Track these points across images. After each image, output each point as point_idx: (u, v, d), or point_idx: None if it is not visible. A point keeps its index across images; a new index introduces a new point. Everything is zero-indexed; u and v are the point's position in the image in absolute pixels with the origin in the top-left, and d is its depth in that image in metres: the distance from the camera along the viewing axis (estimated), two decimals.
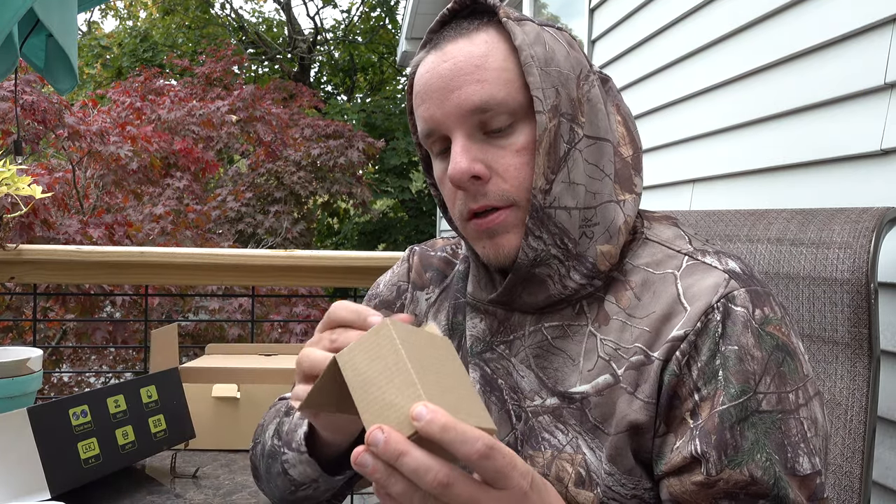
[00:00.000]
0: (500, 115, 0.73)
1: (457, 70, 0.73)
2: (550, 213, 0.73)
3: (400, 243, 10.57)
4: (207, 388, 1.22)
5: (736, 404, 0.67)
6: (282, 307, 5.04)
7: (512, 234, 0.75)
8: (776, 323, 0.70)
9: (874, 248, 0.96)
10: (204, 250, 1.98)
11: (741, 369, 0.68)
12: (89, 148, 4.77)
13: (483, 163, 0.74)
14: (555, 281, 0.76)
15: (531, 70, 0.72)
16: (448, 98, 0.74)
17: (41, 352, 1.19)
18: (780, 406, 0.68)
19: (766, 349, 0.69)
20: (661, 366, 0.70)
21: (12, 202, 2.01)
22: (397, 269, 0.97)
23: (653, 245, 0.78)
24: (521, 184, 0.73)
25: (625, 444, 0.71)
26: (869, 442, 0.95)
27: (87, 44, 12.94)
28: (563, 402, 0.74)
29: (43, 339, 4.34)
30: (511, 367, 0.79)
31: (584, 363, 0.74)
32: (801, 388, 0.69)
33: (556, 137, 0.73)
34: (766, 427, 0.67)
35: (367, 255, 2.00)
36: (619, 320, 0.74)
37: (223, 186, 7.30)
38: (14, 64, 1.77)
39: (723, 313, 0.69)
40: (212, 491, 1.03)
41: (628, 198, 0.78)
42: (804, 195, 1.49)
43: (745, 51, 1.73)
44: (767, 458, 0.67)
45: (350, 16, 13.99)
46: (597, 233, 0.75)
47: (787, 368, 0.69)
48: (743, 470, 0.66)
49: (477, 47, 0.74)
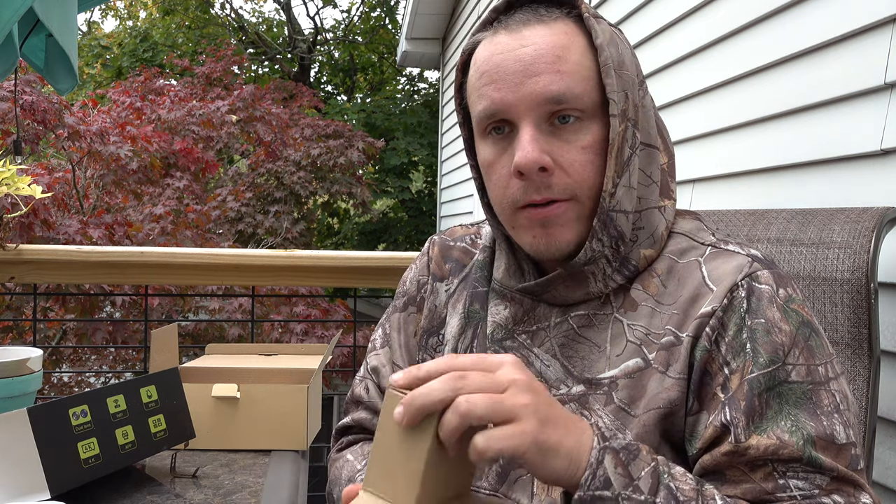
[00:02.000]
0: (573, 109, 0.72)
1: (538, 56, 0.72)
2: (613, 216, 0.74)
3: (400, 243, 10.57)
4: (207, 388, 1.22)
5: (765, 373, 0.68)
6: (282, 307, 5.03)
7: (566, 228, 0.75)
8: (799, 302, 0.72)
9: (874, 248, 0.96)
10: (204, 250, 1.98)
11: (769, 341, 0.69)
12: (89, 148, 4.77)
13: (549, 154, 0.73)
14: (597, 279, 0.77)
15: (609, 71, 0.72)
16: (524, 83, 0.72)
17: (41, 352, 1.19)
18: (809, 378, 0.68)
19: (792, 323, 0.70)
20: (691, 343, 0.71)
21: (12, 202, 2.01)
22: (419, 262, 0.97)
23: (677, 236, 0.79)
24: (584, 181, 0.73)
25: (653, 422, 0.71)
26: (869, 442, 0.95)
27: (87, 44, 12.94)
28: (589, 389, 0.75)
29: (43, 339, 4.34)
30: (533, 356, 0.79)
31: (612, 349, 0.75)
32: (829, 363, 0.70)
33: (623, 142, 0.74)
34: (797, 397, 0.68)
35: (367, 255, 2.00)
36: (649, 307, 0.75)
37: (223, 186, 7.29)
38: (14, 64, 1.76)
39: (747, 290, 0.71)
40: (212, 491, 1.03)
41: (668, 204, 0.79)
42: (804, 195, 1.49)
43: (744, 51, 1.73)
44: (794, 423, 0.67)
45: (350, 16, 14.00)
46: (641, 237, 0.77)
47: (814, 343, 0.70)
48: (770, 434, 0.66)
49: (558, 37, 0.73)
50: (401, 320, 0.95)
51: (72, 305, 4.11)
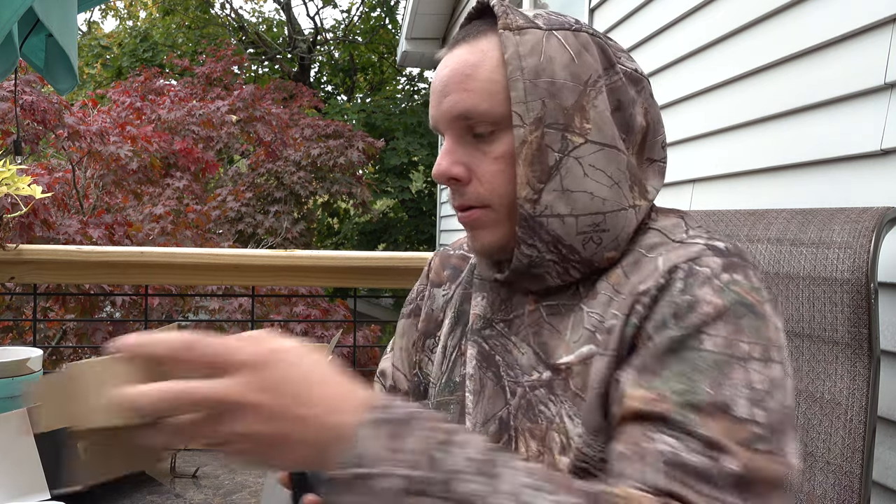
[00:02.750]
0: (481, 123, 0.77)
1: (450, 77, 0.78)
2: (542, 221, 0.76)
3: (400, 243, 10.57)
4: None
5: (673, 337, 0.67)
6: (282, 307, 5.03)
7: (486, 231, 0.80)
8: (746, 287, 0.69)
9: (874, 248, 0.96)
10: (204, 250, 1.98)
11: (691, 314, 0.68)
12: (89, 148, 4.76)
13: (465, 166, 0.78)
14: (552, 276, 0.79)
15: (515, 85, 0.75)
16: (441, 102, 0.79)
17: (41, 352, 1.19)
18: (727, 350, 0.66)
19: (726, 300, 0.68)
20: (624, 321, 0.72)
21: (12, 202, 2.01)
22: (423, 273, 1.03)
23: (652, 232, 0.79)
24: (496, 189, 0.77)
25: (596, 403, 0.72)
26: (869, 442, 0.95)
27: (87, 44, 12.94)
28: (554, 375, 0.77)
29: (43, 339, 4.34)
30: (510, 344, 0.81)
31: (572, 336, 0.77)
32: (761, 346, 0.67)
33: (542, 148, 0.75)
34: (705, 365, 0.65)
35: (366, 255, 2.00)
36: (607, 295, 0.76)
37: (223, 186, 7.29)
38: (14, 64, 1.76)
39: (686, 272, 0.70)
40: (212, 491, 1.03)
41: (643, 204, 0.79)
42: (804, 195, 1.49)
43: (744, 51, 1.73)
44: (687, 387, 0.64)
45: (350, 16, 14.00)
46: (605, 239, 0.77)
47: (746, 323, 0.67)
48: (653, 390, 0.65)
49: (472, 55, 0.77)
50: (404, 326, 1.00)
51: (72, 305, 4.11)
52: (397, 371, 0.99)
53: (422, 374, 0.93)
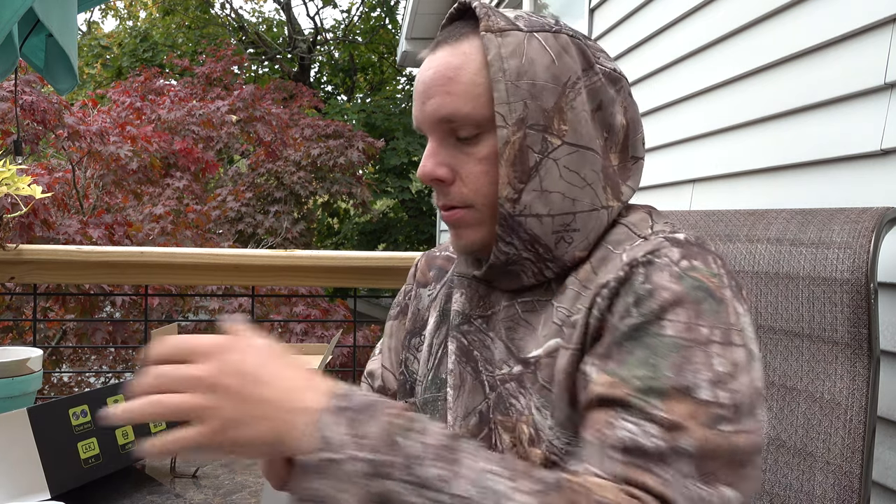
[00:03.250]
0: (465, 126, 0.78)
1: (433, 79, 0.79)
2: (521, 220, 0.77)
3: (400, 243, 10.57)
4: None
5: (633, 323, 0.68)
6: (282, 307, 5.03)
7: (469, 230, 0.81)
8: (706, 273, 0.70)
9: (874, 248, 0.96)
10: (204, 250, 1.98)
11: (651, 300, 0.68)
12: (89, 148, 4.77)
13: (449, 167, 0.80)
14: (528, 275, 0.80)
15: (498, 86, 0.76)
16: (424, 105, 0.80)
17: (41, 352, 1.19)
18: (687, 334, 0.66)
19: (685, 286, 0.69)
20: (586, 313, 0.73)
21: (12, 202, 2.01)
22: (409, 274, 1.04)
23: (620, 227, 0.81)
24: (479, 189, 0.79)
25: (562, 397, 0.73)
26: (869, 442, 0.95)
27: (87, 44, 12.94)
28: (524, 369, 0.78)
29: (43, 339, 4.34)
30: (487, 339, 0.83)
31: (542, 330, 0.78)
32: (721, 330, 0.67)
33: (523, 148, 0.76)
34: (667, 348, 0.66)
35: (367, 255, 2.00)
36: (574, 290, 0.78)
37: (223, 186, 7.29)
38: (14, 64, 1.76)
39: (646, 263, 0.71)
40: (212, 491, 1.03)
41: (615, 205, 0.80)
42: (804, 195, 1.49)
43: (744, 51, 1.73)
44: (649, 373, 0.65)
45: (350, 16, 14.00)
46: (576, 239, 0.78)
47: (706, 307, 0.68)
48: (615, 375, 0.66)
49: (455, 58, 0.78)
50: (392, 328, 1.02)
51: (72, 305, 4.11)
52: (387, 371, 1.01)
53: (408, 372, 0.94)
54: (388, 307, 8.84)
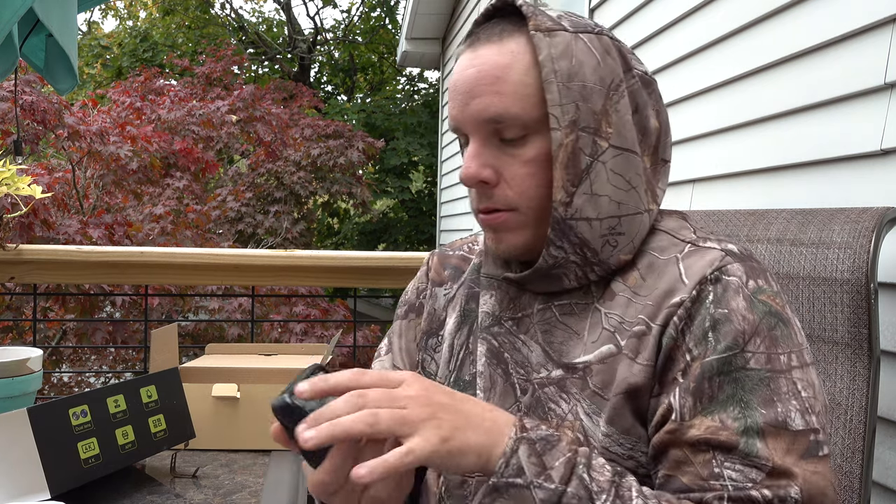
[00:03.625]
0: (513, 127, 0.76)
1: (480, 78, 0.76)
2: (572, 224, 0.76)
3: (400, 243, 10.57)
4: (207, 387, 1.22)
5: (719, 358, 0.70)
6: (282, 307, 5.03)
7: (511, 234, 0.80)
8: (769, 293, 0.73)
9: (874, 248, 0.96)
10: (204, 250, 1.98)
11: (730, 329, 0.70)
12: (89, 148, 4.76)
13: (493, 168, 0.78)
14: (570, 279, 0.80)
15: (550, 87, 0.74)
16: (468, 104, 0.77)
17: (41, 352, 1.19)
18: (769, 365, 0.70)
19: (758, 313, 0.71)
20: (659, 331, 0.73)
21: (12, 202, 2.01)
22: (419, 273, 1.02)
23: (660, 234, 0.81)
24: (525, 192, 0.77)
25: (622, 404, 0.74)
26: (869, 442, 0.95)
27: (87, 44, 12.93)
28: (566, 373, 0.78)
29: (43, 339, 4.34)
30: (519, 342, 0.82)
31: (589, 336, 0.78)
32: (796, 353, 0.71)
33: (576, 151, 0.75)
34: (753, 384, 0.69)
35: (367, 255, 2.00)
36: (625, 297, 0.78)
37: (223, 186, 7.29)
38: (14, 64, 1.76)
39: (716, 281, 0.73)
40: (212, 491, 1.03)
41: (654, 208, 0.81)
42: (804, 195, 1.49)
43: (744, 51, 1.73)
44: (742, 410, 0.68)
45: (350, 16, 13.99)
46: (621, 242, 0.78)
47: (779, 332, 0.71)
48: (714, 417, 0.68)
49: (503, 57, 0.76)
50: (402, 327, 0.99)
51: (72, 305, 4.11)
52: (398, 370, 0.99)
53: (425, 373, 0.93)
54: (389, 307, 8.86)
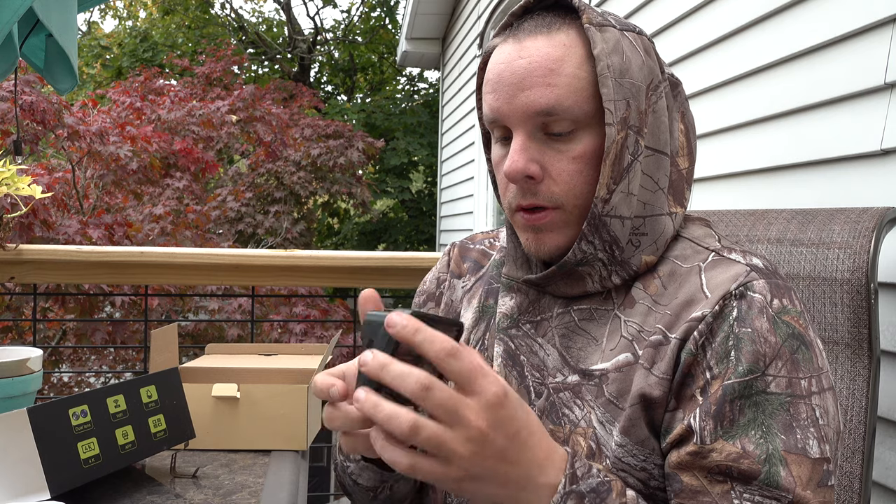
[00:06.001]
0: (563, 120, 0.74)
1: (531, 70, 0.74)
2: (606, 220, 0.75)
3: (400, 243, 10.57)
4: (207, 388, 1.22)
5: (741, 381, 0.69)
6: (282, 307, 5.03)
7: (555, 234, 0.78)
8: (793, 314, 0.72)
9: (874, 248, 0.96)
10: (204, 250, 1.98)
11: (752, 350, 0.69)
12: (89, 148, 4.76)
13: (539, 163, 0.76)
14: (594, 280, 0.78)
15: (606, 82, 0.73)
16: (517, 96, 0.75)
17: (41, 352, 1.19)
18: (790, 390, 0.69)
19: (780, 335, 0.70)
20: (678, 345, 0.72)
21: (12, 202, 2.01)
22: (440, 263, 1.01)
23: (684, 241, 0.80)
24: (571, 189, 0.76)
25: (638, 415, 0.73)
26: (869, 442, 0.95)
27: (87, 44, 12.93)
28: (583, 379, 0.77)
29: (43, 339, 4.34)
30: (536, 345, 0.81)
31: (608, 343, 0.77)
32: (815, 377, 0.70)
33: (623, 149, 0.74)
34: (773, 408, 0.68)
35: (366, 255, 2.00)
36: (645, 305, 0.76)
37: (223, 186, 7.29)
38: (14, 64, 1.76)
39: (740, 299, 0.71)
40: (212, 491, 1.03)
41: (679, 211, 0.79)
42: (804, 195, 1.49)
43: (745, 51, 1.73)
44: (763, 436, 0.67)
45: (350, 16, 13.99)
46: (644, 243, 0.77)
47: (801, 356, 0.70)
48: (736, 443, 0.67)
49: (555, 49, 0.74)
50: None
51: (71, 305, 4.11)
52: None
53: None
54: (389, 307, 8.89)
